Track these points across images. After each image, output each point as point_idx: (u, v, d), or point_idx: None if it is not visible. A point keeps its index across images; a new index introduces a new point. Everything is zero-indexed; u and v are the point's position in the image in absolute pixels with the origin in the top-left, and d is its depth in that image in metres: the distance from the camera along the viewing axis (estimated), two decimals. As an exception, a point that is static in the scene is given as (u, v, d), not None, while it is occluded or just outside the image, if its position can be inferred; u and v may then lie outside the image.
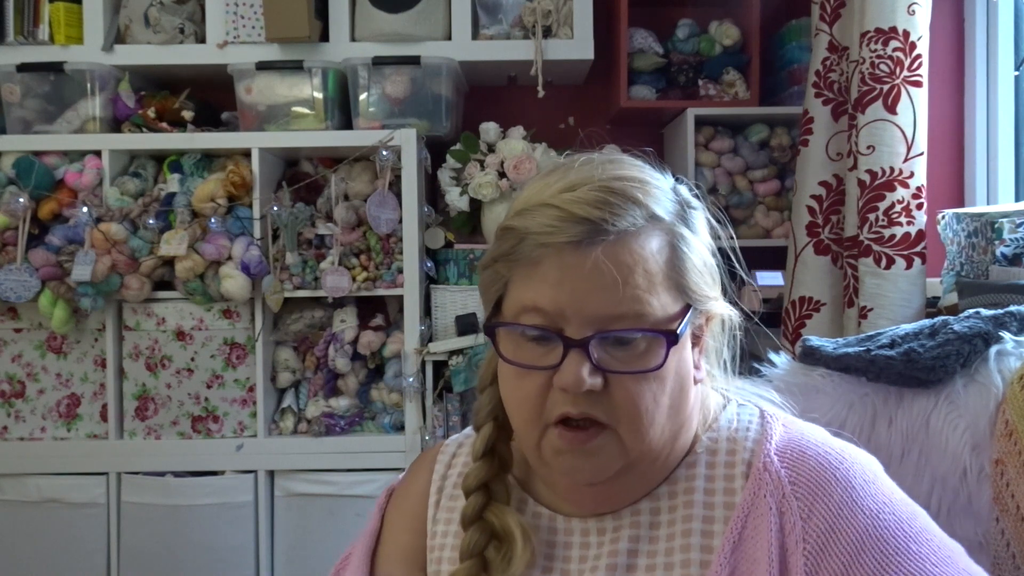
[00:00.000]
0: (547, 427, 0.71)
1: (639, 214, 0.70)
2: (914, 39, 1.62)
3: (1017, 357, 1.00)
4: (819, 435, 0.77)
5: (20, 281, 1.95)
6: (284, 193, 2.06)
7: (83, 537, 2.02)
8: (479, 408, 0.82)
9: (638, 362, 0.70)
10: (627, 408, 0.70)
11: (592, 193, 0.70)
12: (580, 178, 0.72)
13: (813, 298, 1.84)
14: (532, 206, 0.72)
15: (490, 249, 0.75)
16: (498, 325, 0.73)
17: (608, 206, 0.69)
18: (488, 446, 0.79)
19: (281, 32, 2.10)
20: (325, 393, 2.09)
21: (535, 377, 0.71)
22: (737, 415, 0.80)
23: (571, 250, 0.69)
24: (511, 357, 0.72)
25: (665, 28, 2.32)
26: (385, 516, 0.87)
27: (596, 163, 0.74)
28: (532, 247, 0.70)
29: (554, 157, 2.17)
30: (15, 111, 2.10)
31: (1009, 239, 1.53)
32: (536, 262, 0.70)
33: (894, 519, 0.69)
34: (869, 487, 0.71)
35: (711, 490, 0.75)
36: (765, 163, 2.25)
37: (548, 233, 0.69)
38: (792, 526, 0.70)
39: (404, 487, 0.89)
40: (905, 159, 1.63)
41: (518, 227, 0.71)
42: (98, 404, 2.07)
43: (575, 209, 0.69)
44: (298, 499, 2.02)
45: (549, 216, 0.70)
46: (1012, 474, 0.93)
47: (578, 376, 0.68)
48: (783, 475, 0.72)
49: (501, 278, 0.73)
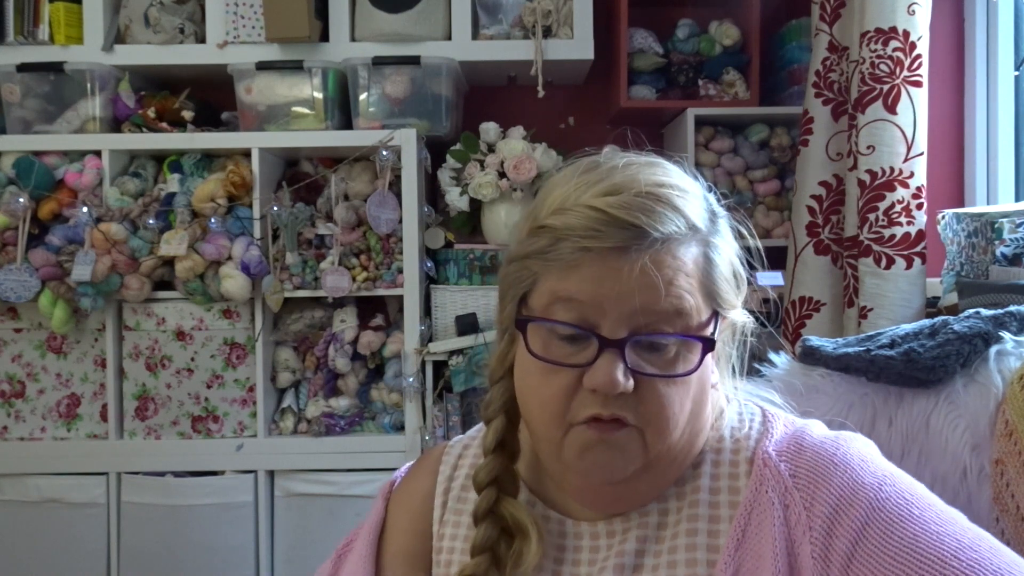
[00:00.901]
0: (571, 426, 0.71)
1: (681, 223, 0.70)
2: (914, 39, 1.62)
3: (1017, 357, 1.00)
4: (816, 428, 0.78)
5: (20, 281, 1.95)
6: (284, 193, 2.06)
7: (83, 537, 2.02)
8: (490, 401, 0.81)
9: (670, 366, 0.70)
10: (655, 411, 0.70)
11: (638, 199, 0.69)
12: (623, 181, 0.71)
13: (813, 298, 1.84)
14: (572, 206, 0.70)
15: (519, 245, 0.74)
16: (531, 320, 0.72)
17: (654, 213, 0.69)
18: (499, 439, 0.78)
19: (281, 32, 2.10)
20: (325, 393, 2.09)
21: (564, 375, 0.70)
22: (739, 415, 0.81)
23: (615, 255, 0.68)
24: (541, 353, 0.71)
25: (665, 28, 2.32)
26: (388, 510, 0.86)
27: (638, 166, 0.73)
28: (571, 249, 0.69)
29: (554, 157, 2.17)
30: (15, 111, 2.10)
31: (1009, 239, 1.53)
32: (575, 264, 0.69)
33: (894, 489, 0.70)
34: (868, 465, 0.72)
35: (716, 488, 0.76)
36: (765, 163, 2.25)
37: (592, 236, 0.68)
38: (798, 517, 0.70)
39: (407, 486, 0.88)
40: (905, 159, 1.63)
41: (558, 226, 0.70)
42: (98, 404, 2.07)
43: (621, 214, 0.68)
44: (298, 499, 2.02)
45: (592, 219, 0.68)
46: (1012, 474, 0.93)
47: (613, 378, 0.67)
48: (783, 469, 0.73)
49: (531, 274, 0.72)
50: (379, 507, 0.87)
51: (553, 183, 0.76)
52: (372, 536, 0.84)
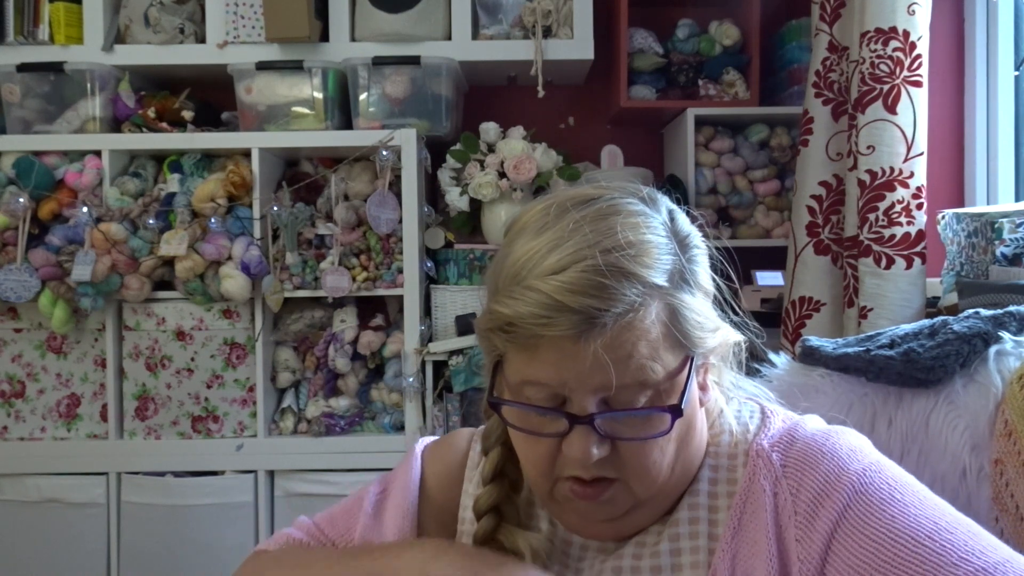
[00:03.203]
0: (558, 480, 0.72)
1: (636, 291, 0.67)
2: (914, 39, 1.62)
3: (1017, 357, 1.00)
4: (811, 422, 0.79)
5: (20, 281, 1.95)
6: (284, 193, 2.06)
7: (83, 537, 2.02)
8: (488, 433, 0.82)
9: (644, 428, 0.70)
10: (637, 465, 0.71)
11: (584, 277, 0.66)
12: (575, 251, 0.67)
13: (813, 298, 1.84)
14: (524, 285, 0.68)
15: (483, 317, 0.72)
16: (502, 403, 0.72)
17: (603, 291, 0.65)
18: (497, 470, 0.80)
19: (281, 32, 2.10)
20: (325, 393, 2.09)
21: (544, 441, 0.71)
22: (738, 413, 0.81)
23: (568, 341, 0.66)
24: (518, 424, 0.72)
25: (665, 28, 2.32)
26: (425, 462, 0.87)
27: (586, 230, 0.68)
28: (526, 335, 0.67)
29: (554, 157, 2.17)
30: (15, 111, 2.10)
31: (1009, 239, 1.53)
32: (533, 347, 0.68)
33: (879, 476, 0.71)
34: (856, 453, 0.73)
35: (714, 480, 0.77)
36: (765, 163, 2.26)
37: (543, 325, 0.66)
38: (784, 503, 0.72)
39: (441, 449, 0.88)
40: (905, 159, 1.63)
41: (509, 315, 0.67)
42: (98, 404, 2.07)
43: (568, 301, 0.65)
44: (298, 499, 2.02)
45: (539, 305, 0.66)
46: (1012, 474, 0.93)
47: (586, 452, 0.68)
48: (775, 459, 0.74)
49: (498, 348, 0.72)
50: (415, 462, 0.87)
51: (515, 235, 0.73)
52: (413, 491, 0.85)
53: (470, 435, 0.89)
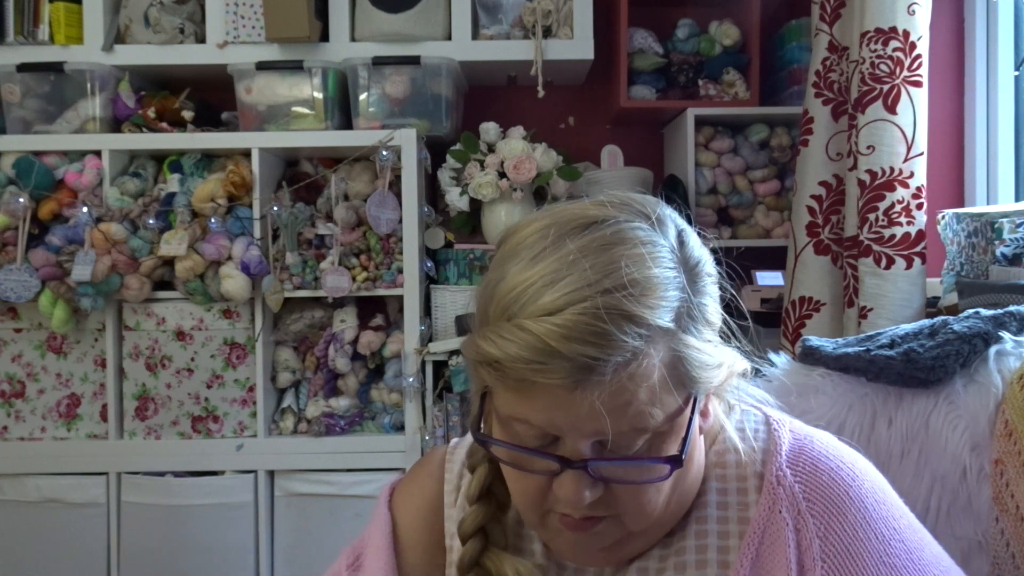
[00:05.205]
0: (548, 512, 0.69)
1: (638, 336, 0.61)
2: (914, 39, 1.62)
3: (1017, 357, 1.00)
4: (828, 442, 0.76)
5: (20, 281, 1.95)
6: (284, 193, 2.06)
7: (83, 537, 2.02)
8: (474, 450, 0.79)
9: (641, 473, 0.66)
10: (630, 505, 0.68)
11: (581, 321, 0.59)
12: (567, 293, 0.61)
13: (813, 298, 1.84)
14: (511, 324, 0.62)
15: (469, 345, 0.67)
16: (490, 441, 0.69)
17: (602, 338, 0.60)
18: (483, 489, 0.76)
19: (281, 32, 2.10)
20: (325, 393, 2.09)
21: (534, 477, 0.67)
22: (741, 424, 0.78)
23: (563, 390, 0.61)
24: (506, 460, 0.69)
25: (665, 28, 2.32)
26: (396, 519, 0.82)
27: (585, 265, 0.62)
28: (516, 377, 0.61)
29: (554, 157, 2.17)
30: (15, 111, 2.10)
31: (1009, 239, 1.53)
32: (524, 390, 0.62)
33: (903, 548, 0.71)
34: (881, 509, 0.72)
35: (724, 504, 0.74)
36: (765, 163, 2.26)
37: (536, 371, 0.60)
38: (809, 543, 0.70)
39: (411, 489, 0.84)
40: (905, 159, 1.63)
41: (496, 354, 0.62)
42: (98, 404, 2.07)
43: (561, 347, 0.59)
44: (298, 499, 2.02)
45: (530, 349, 0.60)
46: (1012, 474, 0.93)
47: (579, 495, 0.64)
48: (797, 490, 0.72)
49: (485, 380, 0.66)
50: (384, 514, 0.82)
51: (508, 256, 0.67)
52: (385, 539, 0.80)
53: (442, 457, 0.84)
